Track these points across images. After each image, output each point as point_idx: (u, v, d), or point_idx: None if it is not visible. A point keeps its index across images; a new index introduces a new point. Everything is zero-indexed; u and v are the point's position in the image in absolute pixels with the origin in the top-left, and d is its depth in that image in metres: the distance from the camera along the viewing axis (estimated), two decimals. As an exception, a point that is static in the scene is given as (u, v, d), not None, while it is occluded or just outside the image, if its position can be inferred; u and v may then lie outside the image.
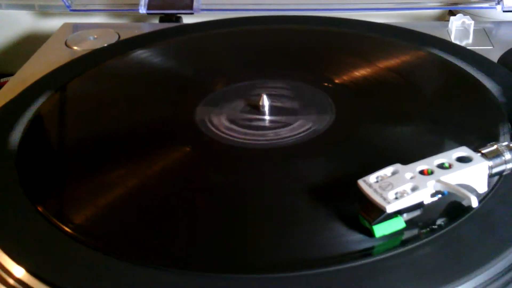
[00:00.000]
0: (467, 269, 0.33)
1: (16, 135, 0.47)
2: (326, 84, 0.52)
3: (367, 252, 0.35)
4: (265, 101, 0.48)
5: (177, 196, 0.41)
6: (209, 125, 0.47)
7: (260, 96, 0.48)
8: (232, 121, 0.47)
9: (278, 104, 0.49)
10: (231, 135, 0.46)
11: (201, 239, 0.37)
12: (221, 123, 0.47)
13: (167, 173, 0.43)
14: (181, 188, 0.41)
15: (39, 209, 0.39)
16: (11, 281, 0.35)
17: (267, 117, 0.48)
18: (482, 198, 0.38)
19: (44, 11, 0.82)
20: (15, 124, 0.48)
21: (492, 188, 0.39)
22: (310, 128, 0.46)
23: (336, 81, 0.53)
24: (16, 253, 0.36)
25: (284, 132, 0.46)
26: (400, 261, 0.34)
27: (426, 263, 0.34)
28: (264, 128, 0.47)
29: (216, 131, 0.46)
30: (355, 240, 0.35)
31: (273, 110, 0.48)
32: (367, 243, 0.35)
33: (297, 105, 0.49)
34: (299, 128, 0.46)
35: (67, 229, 0.37)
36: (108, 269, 0.34)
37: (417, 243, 0.35)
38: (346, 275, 0.33)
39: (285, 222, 0.38)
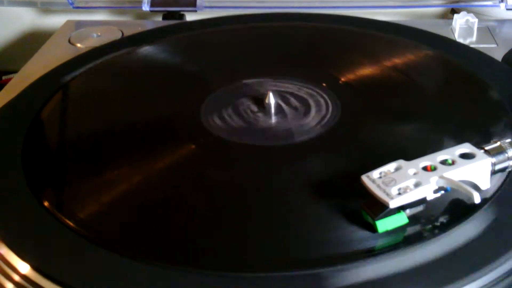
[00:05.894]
0: (471, 270, 0.33)
1: (21, 132, 0.47)
2: (331, 82, 0.52)
3: (369, 251, 0.35)
4: (271, 99, 0.48)
5: (182, 193, 0.41)
6: (214, 122, 0.47)
7: (266, 93, 0.48)
8: (237, 118, 0.47)
9: (284, 101, 0.49)
10: (236, 133, 0.46)
11: (206, 237, 0.37)
12: (226, 120, 0.47)
13: (172, 170, 0.43)
14: (186, 185, 0.41)
15: (45, 205, 0.39)
16: (16, 277, 0.35)
17: (273, 115, 0.48)
18: (488, 199, 0.38)
19: (47, 8, 0.82)
20: (20, 121, 0.48)
21: (498, 189, 0.39)
22: (315, 125, 0.46)
23: (341, 79, 0.53)
24: (21, 249, 0.36)
25: (290, 129, 0.46)
26: (403, 260, 0.34)
27: (430, 263, 0.34)
28: (270, 125, 0.47)
29: (221, 129, 0.46)
30: (358, 237, 0.35)
31: (279, 108, 0.48)
32: (370, 241, 0.35)
33: (302, 103, 0.49)
34: (305, 125, 0.46)
35: (72, 225, 0.37)
36: (113, 266, 0.35)
37: (420, 243, 0.35)
38: (348, 274, 0.33)
39: (287, 220, 0.38)
